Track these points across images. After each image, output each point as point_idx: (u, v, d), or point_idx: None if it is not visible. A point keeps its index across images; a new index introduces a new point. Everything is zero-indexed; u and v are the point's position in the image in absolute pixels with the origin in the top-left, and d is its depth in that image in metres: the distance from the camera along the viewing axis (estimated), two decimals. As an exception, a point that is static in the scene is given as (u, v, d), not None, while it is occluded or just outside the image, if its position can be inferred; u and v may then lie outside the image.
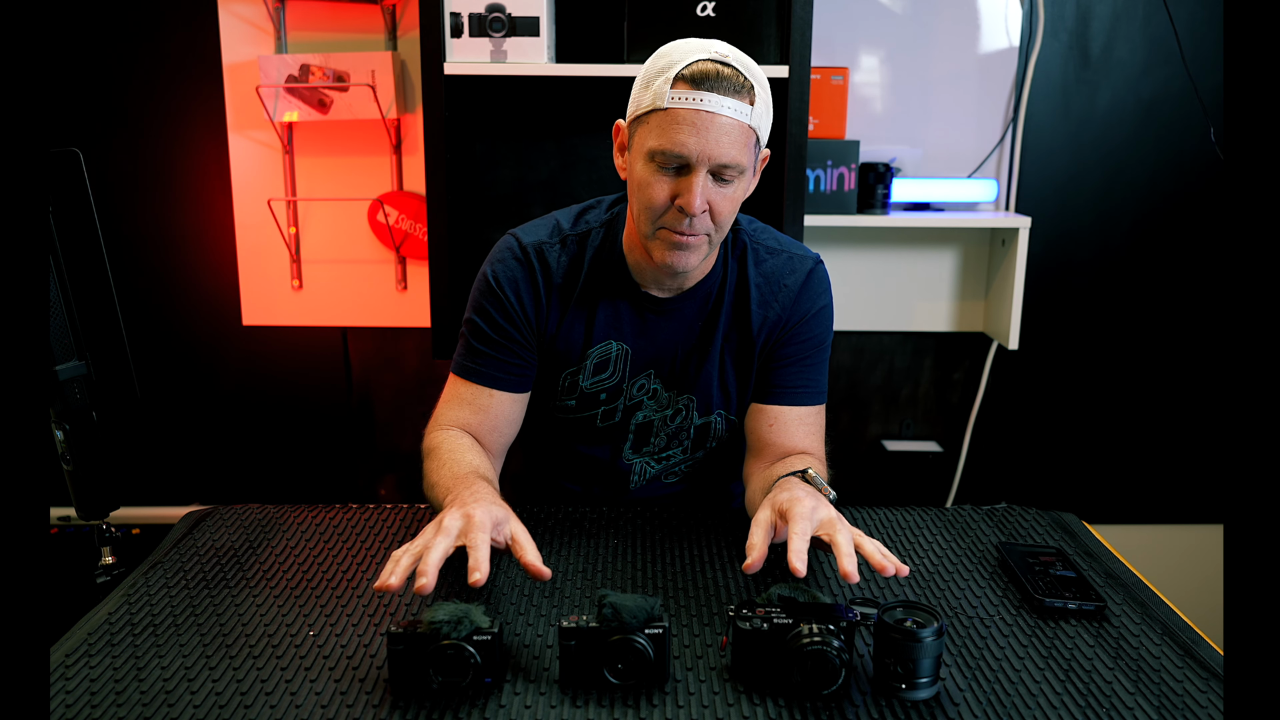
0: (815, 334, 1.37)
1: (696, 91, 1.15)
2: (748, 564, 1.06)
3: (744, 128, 1.18)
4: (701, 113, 1.15)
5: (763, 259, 1.36)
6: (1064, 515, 1.45)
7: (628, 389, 1.38)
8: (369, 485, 2.57)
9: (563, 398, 1.39)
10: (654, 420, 1.40)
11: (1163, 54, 2.34)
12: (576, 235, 1.35)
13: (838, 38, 2.32)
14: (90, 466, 1.81)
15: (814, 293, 1.36)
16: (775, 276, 1.35)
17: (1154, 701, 0.97)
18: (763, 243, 1.37)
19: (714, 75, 1.15)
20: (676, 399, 1.39)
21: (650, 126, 1.19)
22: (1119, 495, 2.58)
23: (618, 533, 1.36)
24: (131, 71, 2.33)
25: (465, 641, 0.96)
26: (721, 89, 1.15)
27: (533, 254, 1.33)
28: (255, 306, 2.41)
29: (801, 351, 1.36)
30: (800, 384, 1.36)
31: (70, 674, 1.02)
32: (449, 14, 1.90)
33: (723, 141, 1.16)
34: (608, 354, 1.36)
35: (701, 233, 1.22)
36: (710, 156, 1.17)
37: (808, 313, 1.35)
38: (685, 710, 0.95)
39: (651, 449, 1.43)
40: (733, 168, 1.18)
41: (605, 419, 1.40)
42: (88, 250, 2.14)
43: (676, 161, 1.18)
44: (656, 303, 1.34)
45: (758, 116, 1.19)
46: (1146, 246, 2.45)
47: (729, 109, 1.16)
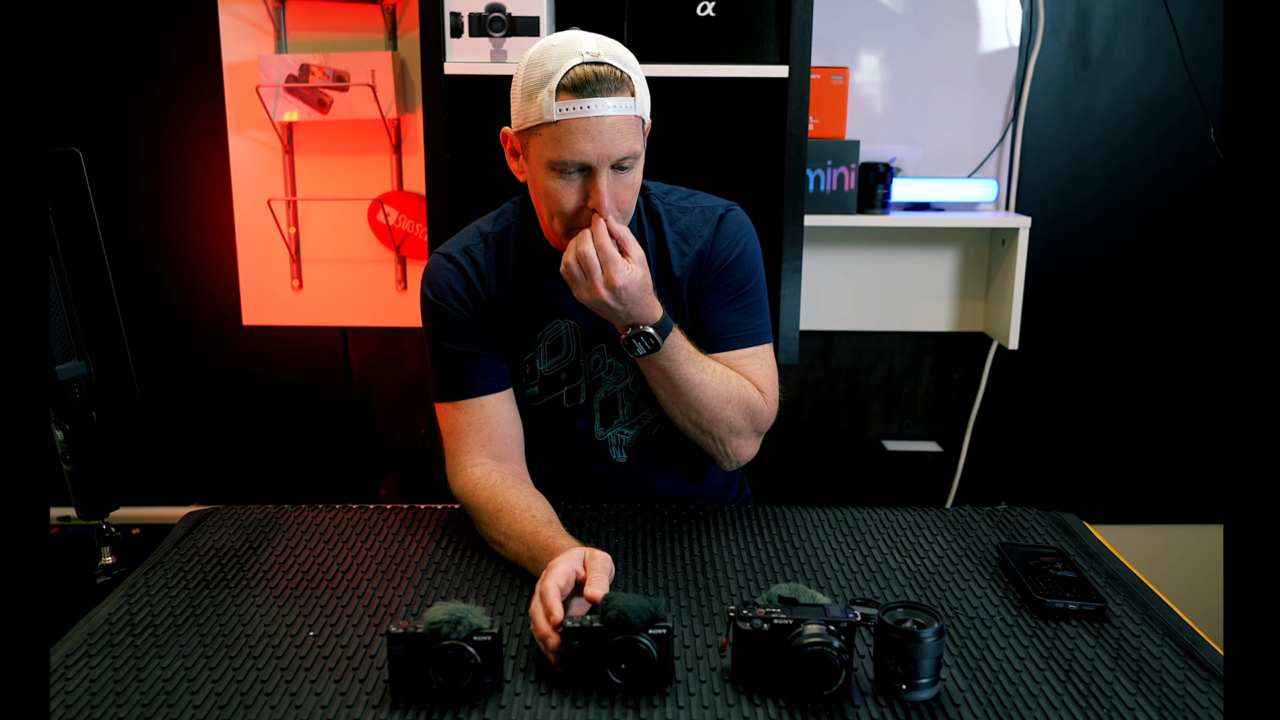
0: (738, 278, 1.40)
1: (580, 100, 1.20)
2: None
3: (632, 120, 1.24)
4: (590, 119, 1.20)
5: (675, 218, 1.41)
6: (1064, 515, 1.45)
7: (585, 365, 1.42)
8: (369, 485, 2.57)
9: (527, 385, 1.42)
10: (616, 392, 1.44)
11: (1163, 54, 2.34)
12: (498, 232, 1.41)
13: (838, 38, 2.32)
14: (90, 466, 1.81)
15: (729, 238, 1.40)
16: (688, 231, 1.41)
17: (1155, 702, 0.97)
18: (674, 203, 1.43)
19: (593, 79, 1.20)
20: (633, 366, 1.42)
21: (544, 139, 1.24)
22: (1119, 495, 2.58)
23: (618, 532, 1.36)
24: (131, 71, 2.33)
25: (465, 642, 0.96)
26: (603, 90, 1.20)
27: (460, 257, 1.39)
28: (255, 306, 2.41)
29: (725, 297, 1.40)
30: (732, 327, 1.40)
31: (70, 674, 1.02)
32: (449, 14, 1.90)
33: (616, 139, 1.22)
34: (558, 333, 1.40)
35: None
36: (608, 156, 1.23)
37: (727, 258, 1.39)
38: (686, 711, 0.95)
39: (621, 419, 1.45)
40: (629, 157, 1.25)
41: (570, 399, 1.43)
42: (88, 250, 2.14)
43: (576, 167, 1.24)
44: None
45: (640, 103, 1.25)
46: (1146, 246, 2.45)
47: (614, 107, 1.21)
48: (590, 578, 1.07)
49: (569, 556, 1.11)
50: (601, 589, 1.05)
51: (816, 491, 2.57)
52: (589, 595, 1.05)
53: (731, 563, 1.28)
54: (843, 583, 1.23)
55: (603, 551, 1.12)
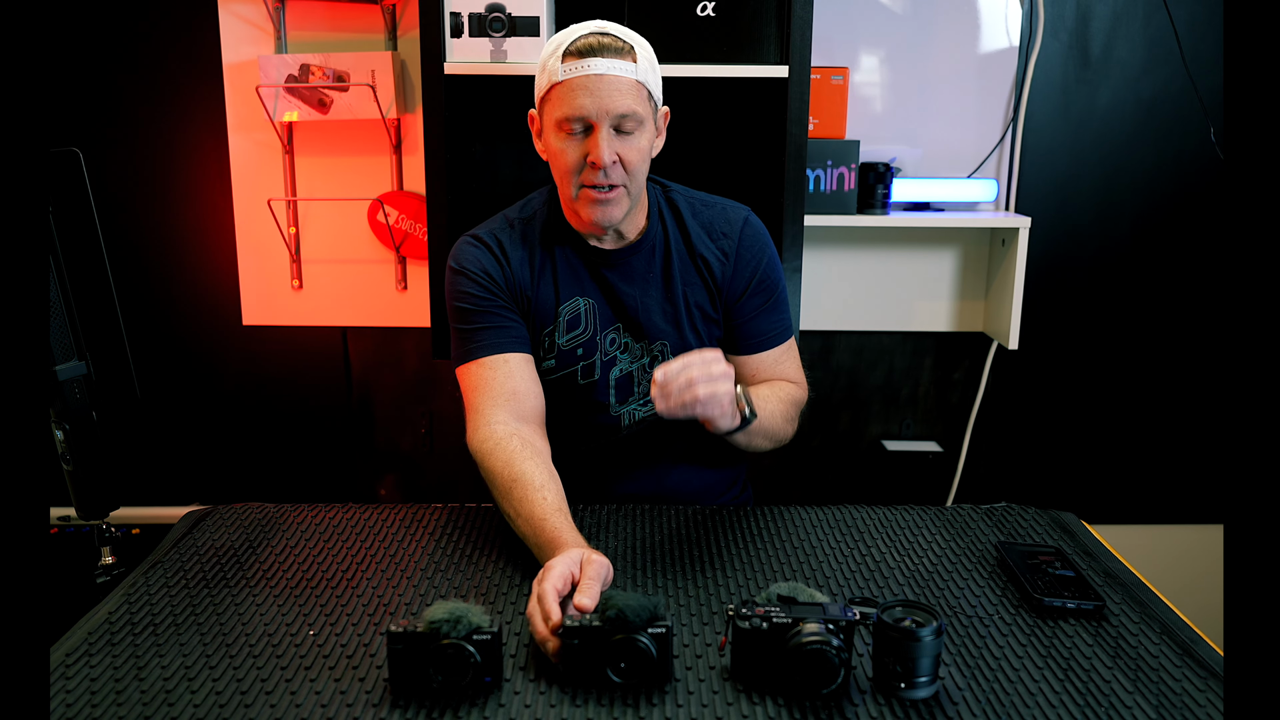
0: (768, 284, 1.51)
1: (583, 60, 1.33)
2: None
3: (632, 82, 1.35)
4: (591, 76, 1.32)
5: (698, 210, 1.51)
6: (1063, 515, 1.45)
7: (601, 343, 1.48)
8: (369, 485, 2.57)
9: (544, 358, 1.48)
10: (632, 371, 1.50)
11: (1163, 54, 2.34)
12: (524, 218, 1.50)
13: (838, 38, 2.32)
14: (90, 466, 1.81)
15: (755, 247, 1.50)
16: (712, 225, 1.50)
17: (1152, 701, 0.97)
18: (695, 198, 1.53)
19: (596, 45, 1.33)
20: (650, 347, 1.49)
21: (553, 101, 1.36)
22: (1119, 495, 2.58)
23: (618, 532, 1.37)
24: (131, 71, 2.33)
25: (465, 641, 0.96)
26: (605, 54, 1.33)
27: (488, 238, 1.47)
28: (255, 306, 2.41)
29: (761, 303, 1.51)
30: (769, 330, 1.52)
31: (70, 674, 1.02)
32: (449, 14, 1.90)
33: (614, 96, 1.33)
34: (577, 310, 1.47)
35: (617, 184, 1.37)
36: (607, 111, 1.33)
37: (758, 265, 1.50)
38: (685, 709, 0.95)
39: (636, 397, 1.51)
40: (630, 117, 1.34)
41: (585, 375, 1.48)
42: (88, 250, 2.14)
43: (580, 124, 1.34)
44: (605, 256, 1.46)
45: (643, 72, 1.36)
46: (1146, 246, 2.45)
47: (614, 69, 1.33)
48: (582, 584, 1.06)
49: (567, 558, 1.10)
50: (591, 598, 1.04)
51: (816, 491, 2.57)
52: (578, 604, 1.03)
53: (731, 562, 1.28)
54: (842, 581, 1.23)
55: (601, 556, 1.11)
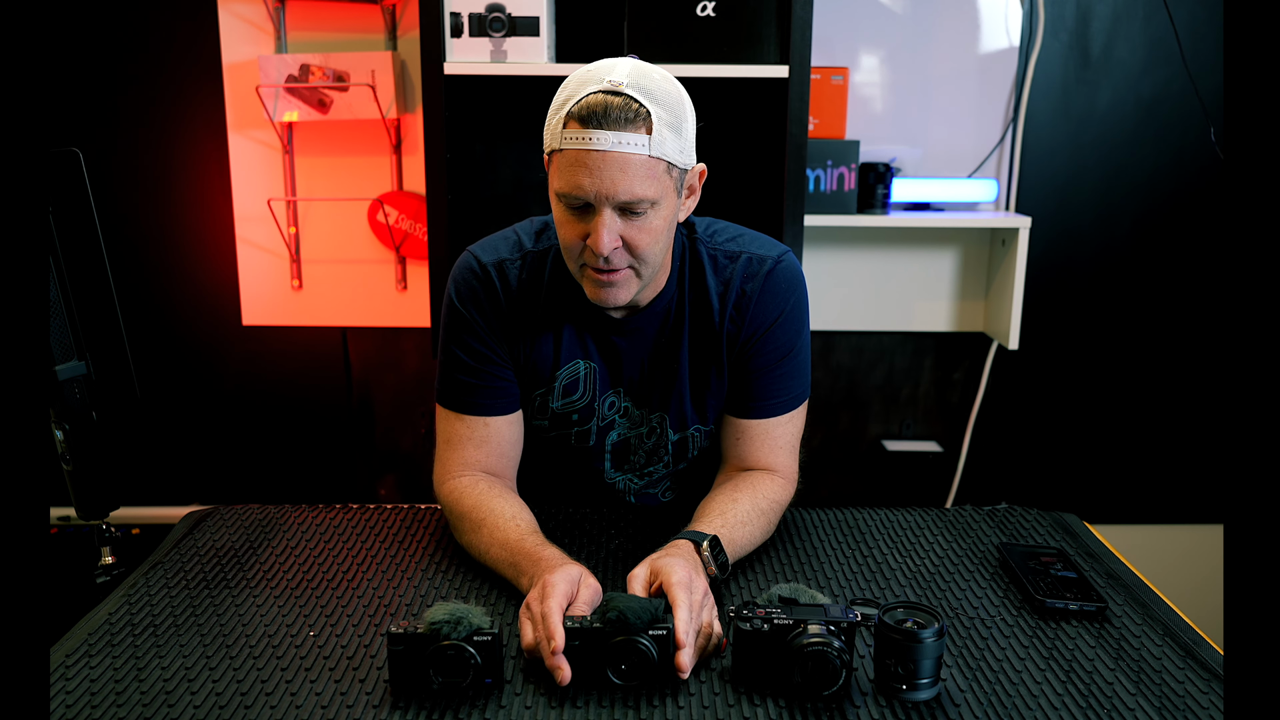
0: (781, 342, 1.31)
1: (585, 130, 1.12)
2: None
3: (643, 160, 1.13)
4: (593, 153, 1.12)
5: (721, 265, 1.31)
6: (1065, 515, 1.45)
7: (599, 409, 1.35)
8: (369, 485, 2.57)
9: (536, 417, 1.37)
10: (629, 438, 1.38)
11: (1163, 54, 2.34)
12: (537, 252, 1.31)
13: (838, 38, 2.32)
14: (90, 466, 1.81)
15: (776, 297, 1.30)
16: (734, 283, 1.30)
17: (1155, 703, 0.97)
18: (721, 247, 1.32)
19: (601, 111, 1.11)
20: (649, 416, 1.36)
21: (555, 167, 1.17)
22: (1119, 495, 2.58)
23: (619, 534, 1.36)
24: (131, 71, 2.33)
25: (465, 642, 0.96)
26: (610, 123, 1.11)
27: (492, 272, 1.30)
28: (255, 306, 2.41)
29: (767, 363, 1.31)
30: (767, 397, 1.33)
31: (70, 674, 1.02)
32: (449, 14, 1.90)
33: (619, 179, 1.12)
34: (575, 374, 1.33)
35: (623, 267, 1.19)
36: (608, 195, 1.13)
37: (769, 321, 1.30)
38: (686, 711, 0.95)
39: (632, 466, 1.41)
40: (639, 202, 1.14)
41: (579, 440, 1.37)
42: (88, 250, 2.14)
43: (579, 202, 1.15)
44: (616, 324, 1.31)
45: (659, 144, 1.13)
46: (1146, 246, 2.45)
47: (622, 144, 1.11)
48: (574, 609, 1.04)
49: (565, 576, 1.06)
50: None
51: (816, 491, 2.57)
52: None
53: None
54: (843, 583, 1.23)
55: (595, 581, 1.09)
